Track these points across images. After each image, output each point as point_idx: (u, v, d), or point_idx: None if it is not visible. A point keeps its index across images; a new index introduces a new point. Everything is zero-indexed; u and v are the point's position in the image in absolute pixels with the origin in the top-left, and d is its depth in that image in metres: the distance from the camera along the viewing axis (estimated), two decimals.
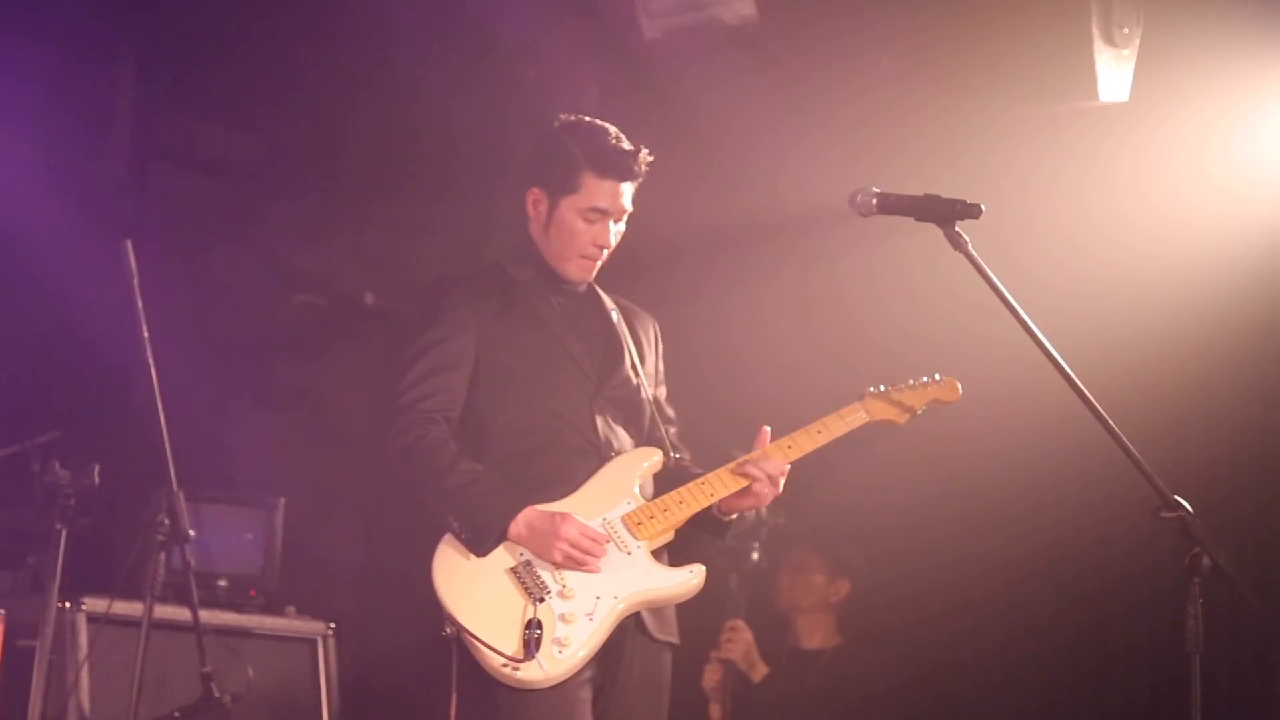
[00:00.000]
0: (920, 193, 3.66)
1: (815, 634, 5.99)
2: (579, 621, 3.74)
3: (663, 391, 4.18)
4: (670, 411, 4.19)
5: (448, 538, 3.80)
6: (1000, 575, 5.83)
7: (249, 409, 6.48)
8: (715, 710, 5.91)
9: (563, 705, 3.73)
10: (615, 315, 4.09)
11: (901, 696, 5.82)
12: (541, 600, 3.74)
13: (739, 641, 5.84)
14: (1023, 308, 3.57)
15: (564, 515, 3.78)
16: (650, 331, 4.19)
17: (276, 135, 6.51)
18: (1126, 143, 5.48)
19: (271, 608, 5.71)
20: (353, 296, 6.65)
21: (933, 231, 3.63)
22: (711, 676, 5.88)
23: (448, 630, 3.71)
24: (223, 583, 5.66)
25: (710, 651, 5.90)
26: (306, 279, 6.63)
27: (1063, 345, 3.59)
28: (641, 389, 4.04)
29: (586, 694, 3.79)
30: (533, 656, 3.66)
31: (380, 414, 3.94)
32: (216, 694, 4.76)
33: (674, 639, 3.97)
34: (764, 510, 5.86)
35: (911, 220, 3.65)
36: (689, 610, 4.07)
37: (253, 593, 5.71)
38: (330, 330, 6.60)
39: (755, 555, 5.92)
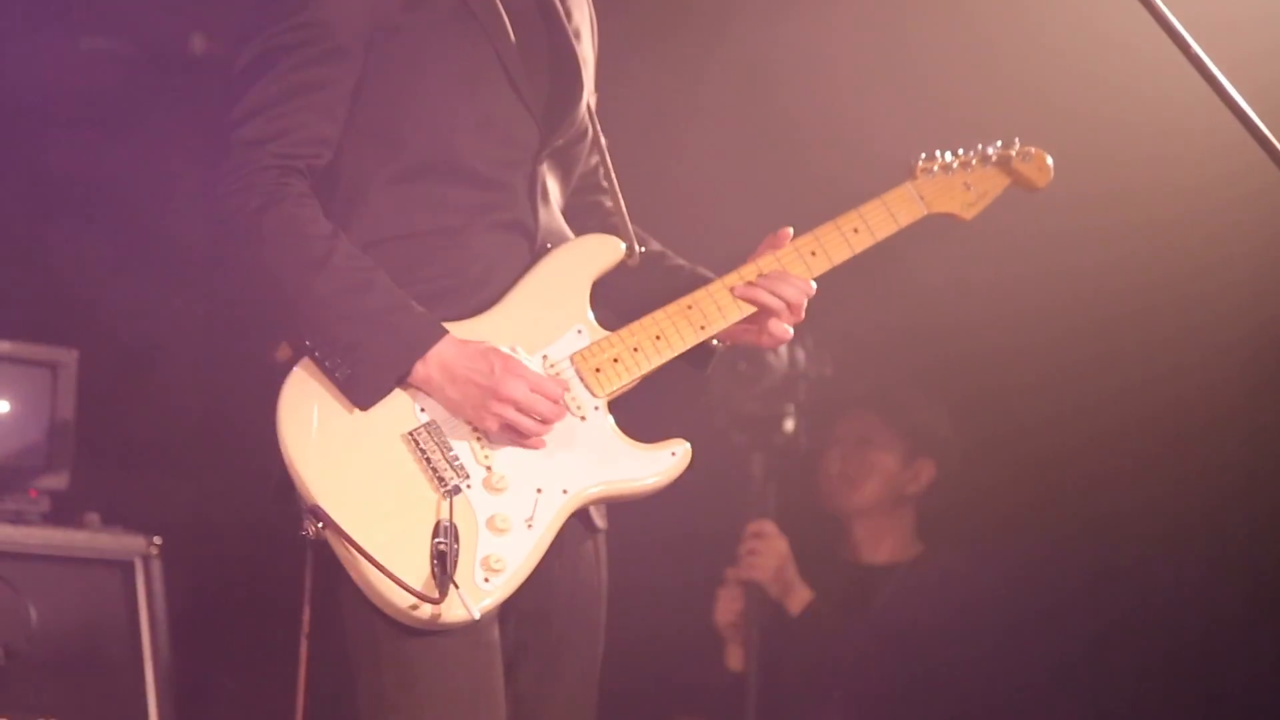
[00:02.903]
0: None
1: (883, 542, 6.06)
2: (515, 531, 3.64)
3: (592, 99, 4.01)
4: (601, 138, 4.03)
5: (302, 372, 3.64)
6: (1161, 450, 5.91)
7: (19, 216, 6.36)
8: (734, 653, 5.97)
9: (464, 654, 3.61)
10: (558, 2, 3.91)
11: (1018, 630, 5.87)
12: (456, 491, 3.62)
13: (768, 554, 5.88)
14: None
15: (508, 360, 3.64)
16: (585, 10, 4.01)
17: None
18: None
19: (63, 516, 5.71)
20: (173, 40, 6.53)
21: None
22: (729, 606, 5.93)
23: (307, 529, 3.55)
24: None
25: (726, 570, 5.95)
26: (100, 14, 6.48)
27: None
28: (590, 126, 3.93)
29: (495, 633, 3.68)
30: (450, 585, 3.54)
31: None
32: None
33: (604, 524, 3.89)
34: (800, 355, 5.86)
35: None
36: (689, 506, 4.07)
37: (33, 494, 5.68)
38: (140, 94, 6.48)
39: (790, 425, 5.95)
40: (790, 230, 3.90)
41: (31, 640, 5.22)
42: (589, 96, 3.93)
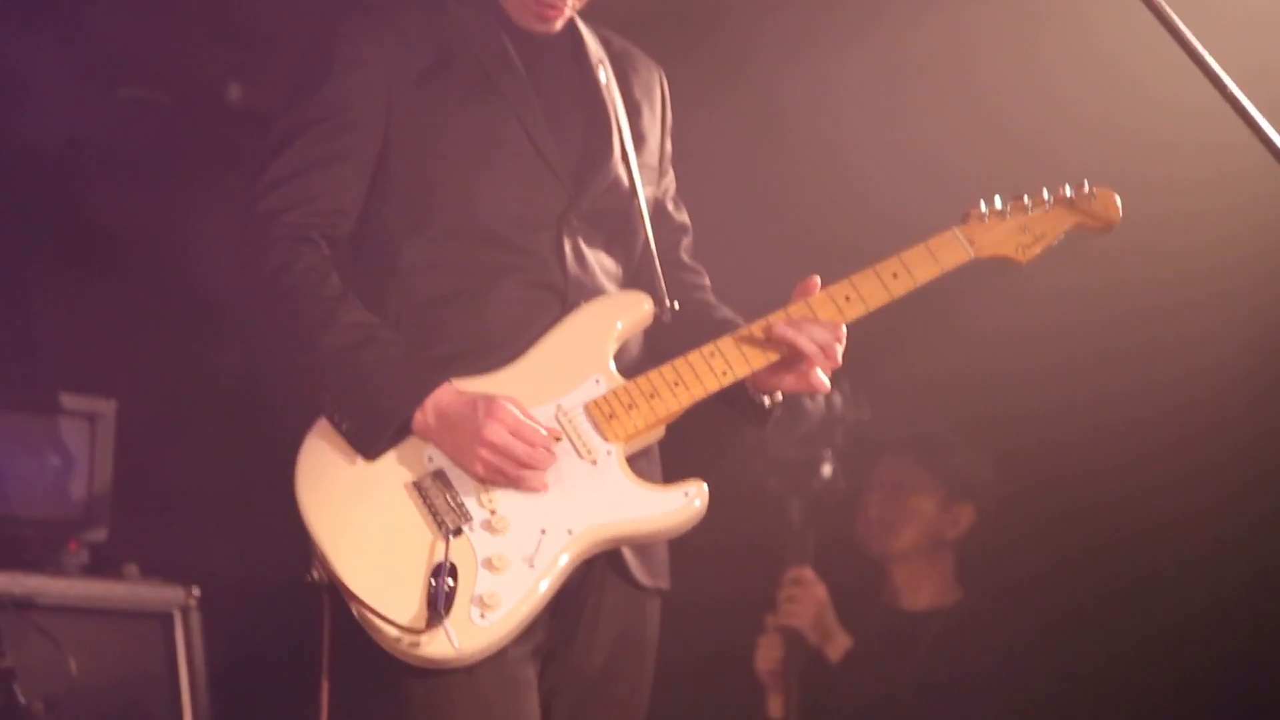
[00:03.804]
0: None
1: (923, 588, 6.06)
2: (513, 569, 3.70)
3: (668, 185, 4.14)
4: (680, 216, 4.15)
5: (320, 428, 3.78)
6: (1205, 498, 5.88)
7: (57, 266, 6.41)
8: (775, 703, 5.96)
9: (494, 693, 3.69)
10: (604, 74, 4.02)
11: (1057, 676, 5.86)
12: (458, 533, 3.71)
13: (806, 600, 5.89)
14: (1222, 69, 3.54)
15: (492, 400, 3.71)
16: (655, 94, 4.13)
17: None
18: None
19: (102, 568, 5.75)
20: (209, 89, 6.58)
21: None
22: (768, 654, 5.92)
23: (315, 574, 3.70)
24: (25, 531, 5.66)
25: (766, 616, 5.95)
26: (138, 64, 6.51)
27: None
28: (635, 194, 3.99)
29: (530, 671, 3.76)
30: (440, 622, 3.63)
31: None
32: (21, 699, 4.85)
33: (665, 584, 3.96)
34: (837, 399, 5.85)
35: None
36: (728, 552, 4.00)
37: (73, 545, 5.72)
38: (177, 142, 6.53)
39: (828, 470, 5.97)
40: (817, 278, 3.90)
41: (72, 692, 5.22)
42: (645, 178, 4.01)
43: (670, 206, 4.14)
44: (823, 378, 3.87)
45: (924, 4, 5.96)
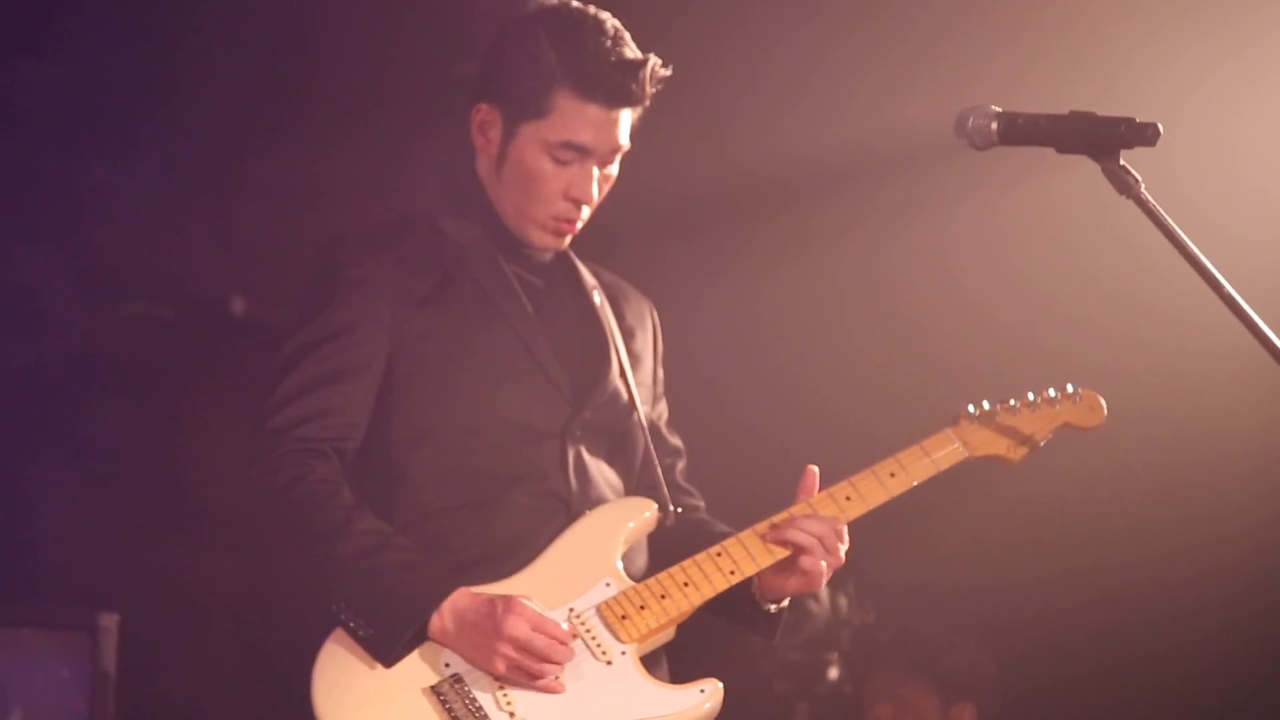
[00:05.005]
0: (1063, 110, 3.65)
1: None
2: None
3: (662, 410, 4.23)
4: (675, 440, 4.24)
5: (337, 635, 3.82)
6: (1206, 675, 5.95)
7: (60, 477, 6.41)
8: None
9: None
10: (598, 297, 4.13)
11: None
12: None
13: None
14: (1225, 277, 3.55)
15: (510, 600, 3.75)
16: (647, 322, 4.24)
17: (87, 66, 6.45)
18: None
19: None
20: (212, 303, 6.64)
21: (1082, 169, 3.62)
22: None
23: None
24: None
25: None
26: (142, 279, 6.59)
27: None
28: (634, 409, 4.08)
29: None
30: None
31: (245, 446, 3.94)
32: None
33: None
34: (842, 601, 5.86)
35: (1051, 153, 3.66)
36: None
37: None
38: (180, 355, 6.57)
39: (833, 673, 6.00)
40: (815, 469, 3.98)
41: None
42: (642, 396, 4.10)
43: (665, 430, 4.23)
44: (819, 565, 3.90)
45: (909, 206, 6.04)
